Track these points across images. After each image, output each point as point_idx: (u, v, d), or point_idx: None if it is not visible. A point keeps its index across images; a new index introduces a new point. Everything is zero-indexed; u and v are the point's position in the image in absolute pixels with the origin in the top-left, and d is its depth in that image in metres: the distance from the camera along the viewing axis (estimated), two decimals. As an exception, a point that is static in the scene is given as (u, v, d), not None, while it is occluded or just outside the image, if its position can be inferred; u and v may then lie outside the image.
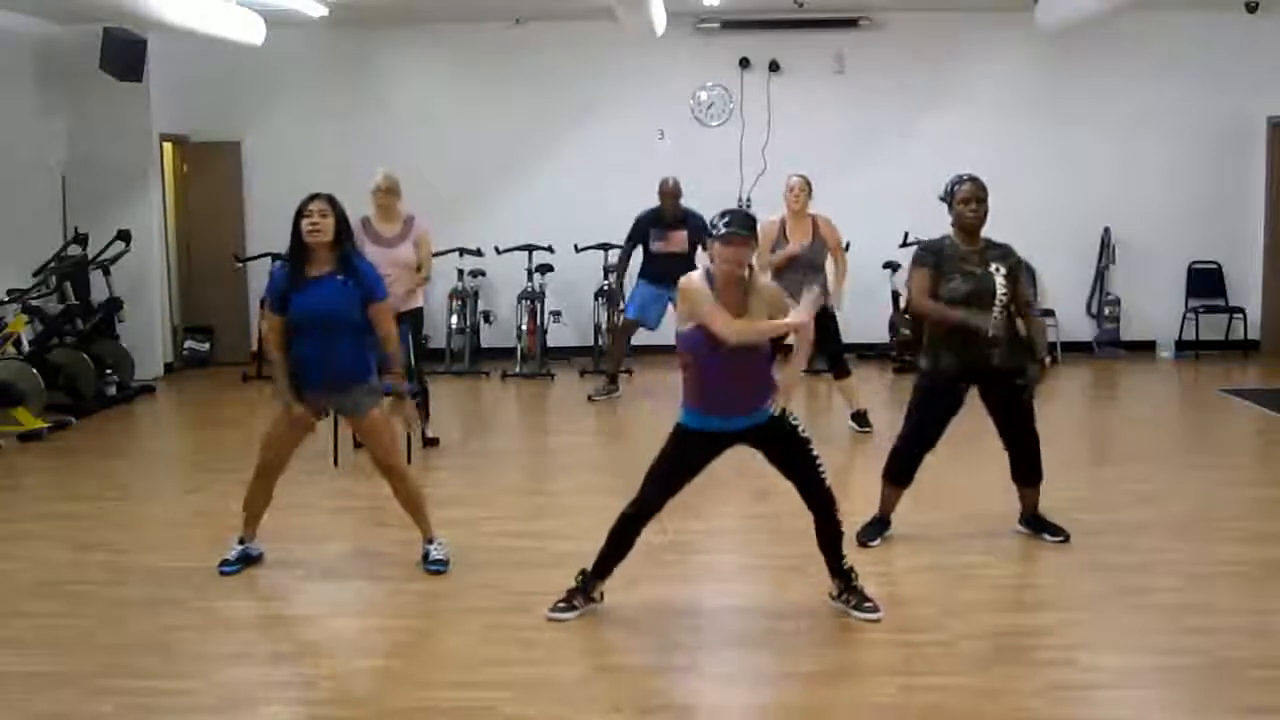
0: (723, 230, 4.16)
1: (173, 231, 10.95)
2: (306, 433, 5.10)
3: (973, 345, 5.08)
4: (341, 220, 4.91)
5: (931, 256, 5.17)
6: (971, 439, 5.64)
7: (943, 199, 5.21)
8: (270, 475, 5.10)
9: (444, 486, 6.78)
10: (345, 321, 4.88)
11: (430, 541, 5.16)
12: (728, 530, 5.83)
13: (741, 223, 4.19)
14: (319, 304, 4.85)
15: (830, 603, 4.56)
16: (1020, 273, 5.22)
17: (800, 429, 4.41)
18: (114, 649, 4.35)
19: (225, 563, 5.11)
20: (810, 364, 9.78)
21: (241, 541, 5.18)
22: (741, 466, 4.93)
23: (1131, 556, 5.18)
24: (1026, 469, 5.37)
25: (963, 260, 5.11)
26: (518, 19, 10.66)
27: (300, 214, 4.85)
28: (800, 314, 4.27)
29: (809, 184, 7.65)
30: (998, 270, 5.10)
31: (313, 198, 4.88)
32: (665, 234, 8.60)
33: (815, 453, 4.42)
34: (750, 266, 4.27)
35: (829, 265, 7.74)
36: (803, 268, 7.46)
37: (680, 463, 4.42)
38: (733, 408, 4.32)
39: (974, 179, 5.17)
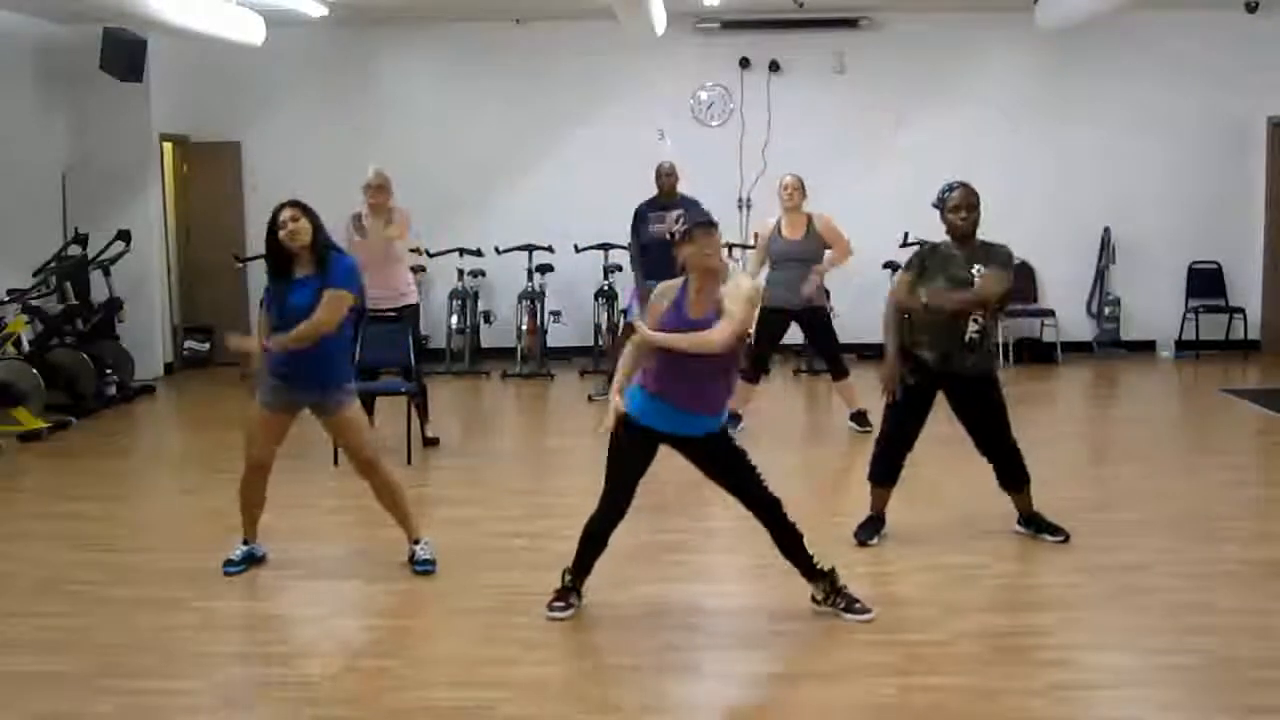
0: (683, 228, 4.37)
1: (173, 232, 10.94)
2: (286, 427, 5.09)
3: (947, 341, 5.11)
4: (315, 222, 4.91)
5: (919, 262, 5.22)
6: (969, 439, 5.62)
7: (935, 206, 5.23)
8: (259, 473, 5.08)
9: (444, 486, 6.80)
10: None
11: (416, 542, 5.15)
12: (725, 531, 5.82)
13: (698, 219, 4.47)
14: (299, 303, 4.86)
15: (816, 609, 4.52)
16: (996, 266, 5.14)
17: (734, 441, 4.46)
18: (114, 649, 4.35)
19: (229, 562, 5.10)
20: (809, 364, 9.87)
21: (245, 542, 5.17)
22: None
23: (1131, 556, 5.18)
24: (1009, 474, 5.38)
25: (951, 263, 5.14)
26: (518, 19, 10.66)
27: (275, 224, 4.86)
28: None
29: (802, 182, 7.70)
30: (978, 272, 5.11)
31: (281, 207, 4.90)
32: (662, 216, 8.58)
33: (752, 462, 4.44)
34: (723, 264, 4.37)
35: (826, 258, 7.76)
36: (798, 263, 7.53)
37: (624, 458, 4.44)
38: (681, 399, 4.31)
39: (964, 186, 5.17)
